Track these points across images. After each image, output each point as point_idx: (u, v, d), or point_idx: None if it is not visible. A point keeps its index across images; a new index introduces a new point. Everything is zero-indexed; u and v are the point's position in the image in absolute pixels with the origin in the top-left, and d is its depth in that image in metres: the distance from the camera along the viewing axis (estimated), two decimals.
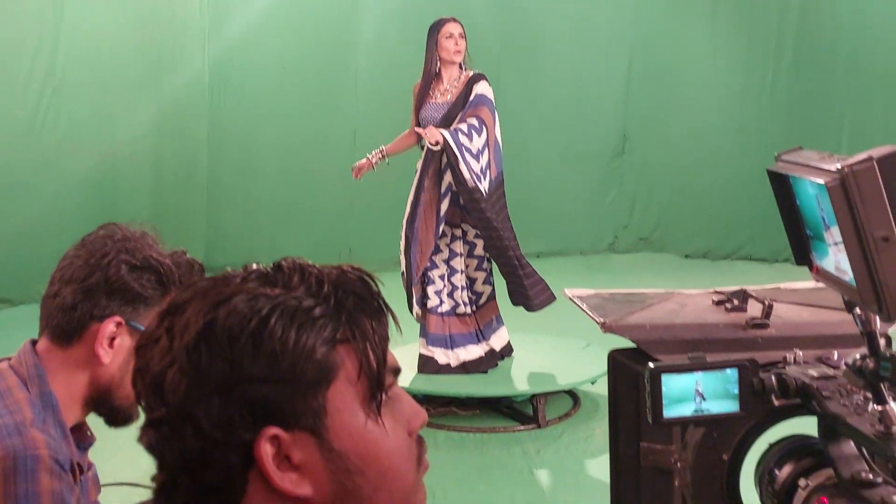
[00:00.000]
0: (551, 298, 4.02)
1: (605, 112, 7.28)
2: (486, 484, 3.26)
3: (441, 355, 3.99)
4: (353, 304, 0.73)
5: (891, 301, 0.81)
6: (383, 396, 0.74)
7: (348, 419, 0.71)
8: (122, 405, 1.32)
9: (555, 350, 4.29)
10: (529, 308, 4.02)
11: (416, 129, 3.94)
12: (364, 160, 4.12)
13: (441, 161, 3.89)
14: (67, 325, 1.28)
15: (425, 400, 3.87)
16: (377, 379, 0.73)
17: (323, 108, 6.68)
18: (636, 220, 7.42)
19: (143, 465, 0.76)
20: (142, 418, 0.74)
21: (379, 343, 0.74)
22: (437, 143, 3.81)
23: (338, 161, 6.72)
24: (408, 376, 3.92)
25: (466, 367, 3.97)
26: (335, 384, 0.71)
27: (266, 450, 0.69)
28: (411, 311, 4.07)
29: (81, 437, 1.35)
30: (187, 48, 6.34)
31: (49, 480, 1.19)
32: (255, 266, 0.76)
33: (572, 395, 4.08)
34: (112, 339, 1.28)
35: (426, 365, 3.99)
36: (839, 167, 0.81)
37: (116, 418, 1.34)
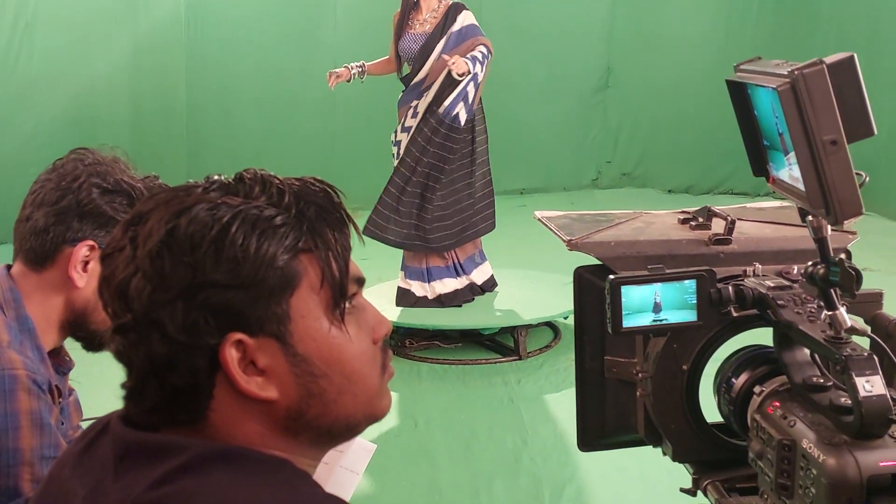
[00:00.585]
0: (387, 240, 3.95)
1: (588, 45, 7.19)
2: (468, 413, 3.33)
3: (418, 288, 4.03)
4: (314, 215, 0.74)
5: (838, 203, 0.83)
6: (347, 304, 0.76)
7: (312, 325, 0.73)
8: (98, 329, 1.33)
9: (537, 285, 4.33)
10: (381, 238, 3.99)
11: (444, 56, 3.81)
12: (343, 69, 4.06)
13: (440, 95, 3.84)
14: (40, 248, 1.29)
15: (408, 333, 3.93)
16: (340, 287, 0.75)
17: (302, 39, 6.57)
18: (619, 155, 7.41)
19: None
20: None
21: (341, 252, 0.75)
22: (463, 74, 3.76)
23: (318, 94, 6.64)
24: (392, 310, 3.97)
25: (442, 300, 4.01)
26: (298, 292, 0.72)
27: (231, 354, 0.71)
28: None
29: (60, 361, 1.37)
30: None
31: (27, 399, 1.21)
32: (216, 177, 0.77)
33: (553, 327, 4.14)
34: (85, 263, 1.29)
35: (403, 297, 4.04)
36: (790, 71, 0.81)
37: (93, 342, 1.36)
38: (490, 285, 4.21)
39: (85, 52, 5.92)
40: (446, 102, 3.82)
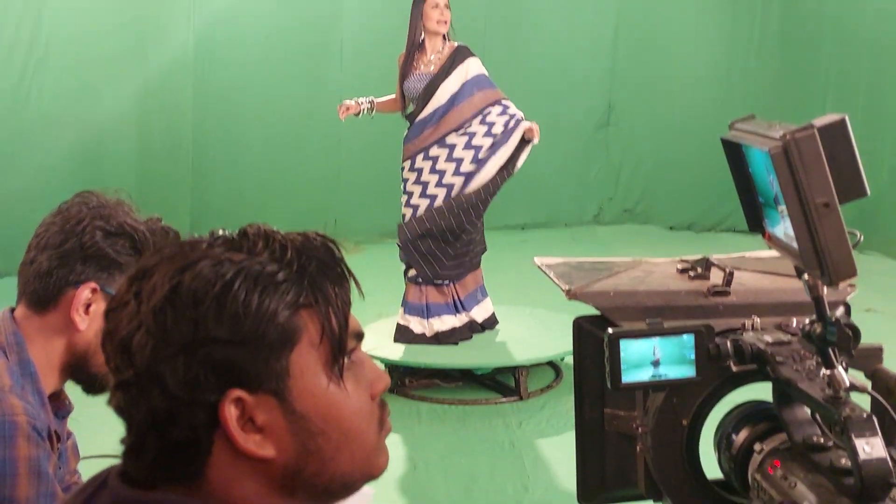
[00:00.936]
0: (406, 239, 3.94)
1: (590, 83, 7.26)
2: (468, 456, 3.29)
3: (416, 325, 4.02)
4: (316, 269, 0.74)
5: (832, 265, 0.83)
6: (345, 360, 0.76)
7: (311, 381, 0.73)
8: (99, 372, 1.33)
9: (539, 323, 4.31)
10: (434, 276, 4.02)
11: (526, 124, 3.93)
12: (353, 102, 4.10)
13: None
14: (43, 291, 1.29)
15: (408, 372, 3.91)
16: (339, 343, 0.75)
17: (308, 79, 6.65)
18: (621, 191, 7.44)
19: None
20: None
21: (341, 308, 0.75)
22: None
23: (324, 132, 6.71)
24: (391, 348, 3.95)
25: (438, 338, 4.00)
26: (298, 347, 0.73)
27: (230, 412, 0.71)
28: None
29: (60, 404, 1.37)
30: (172, 20, 6.28)
31: (26, 447, 1.20)
32: (220, 232, 0.78)
33: (555, 367, 4.11)
34: (87, 306, 1.29)
35: (402, 334, 4.03)
36: (782, 135, 0.82)
37: (94, 385, 1.36)
38: (491, 323, 4.20)
39: (94, 91, 6.00)
40: (518, 163, 3.97)
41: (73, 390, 1.38)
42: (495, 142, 3.95)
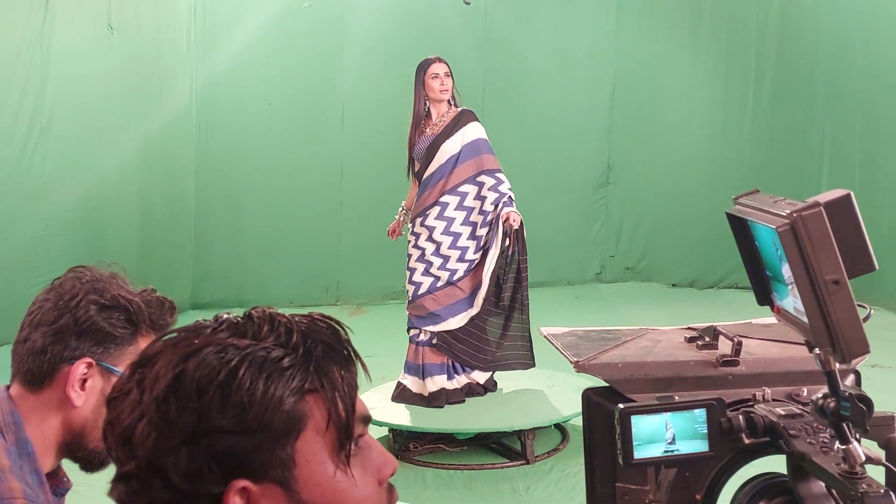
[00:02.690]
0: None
1: (589, 143, 7.36)
2: None
3: (412, 384, 4.02)
4: (322, 353, 0.74)
5: (844, 343, 0.82)
6: (352, 446, 0.75)
7: (317, 469, 0.72)
8: (96, 448, 1.31)
9: (544, 384, 4.28)
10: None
11: (504, 217, 3.95)
12: (394, 222, 4.28)
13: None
14: (38, 369, 1.28)
15: (413, 436, 3.86)
16: (346, 429, 0.74)
17: (309, 142, 6.75)
18: (622, 249, 7.47)
19: None
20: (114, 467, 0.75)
21: (347, 392, 0.75)
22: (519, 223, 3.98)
23: (325, 195, 6.77)
24: (394, 412, 3.91)
25: (428, 399, 3.97)
26: (304, 435, 0.71)
27: (235, 502, 0.69)
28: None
29: (58, 482, 1.35)
30: (174, 85, 6.40)
31: None
32: (225, 316, 0.77)
33: (561, 429, 4.06)
34: (83, 381, 1.28)
35: (400, 393, 4.02)
36: (789, 213, 0.83)
37: (91, 462, 1.34)
38: (492, 384, 4.18)
39: (97, 154, 6.07)
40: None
41: (69, 467, 1.36)
42: (488, 239, 3.98)
